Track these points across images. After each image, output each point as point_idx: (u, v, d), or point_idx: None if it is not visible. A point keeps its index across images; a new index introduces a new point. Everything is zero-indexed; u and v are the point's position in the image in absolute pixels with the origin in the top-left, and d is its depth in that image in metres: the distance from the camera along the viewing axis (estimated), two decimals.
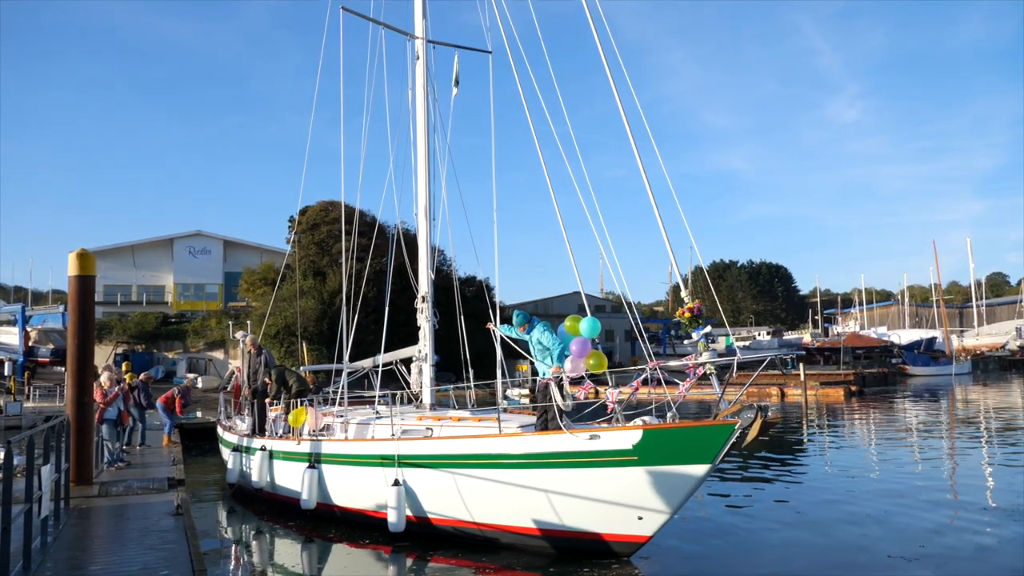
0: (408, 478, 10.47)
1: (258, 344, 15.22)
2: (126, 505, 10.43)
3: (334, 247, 48.94)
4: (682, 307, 8.96)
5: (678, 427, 8.47)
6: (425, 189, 14.52)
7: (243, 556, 10.93)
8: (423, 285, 14.38)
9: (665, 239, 9.28)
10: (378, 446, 11.09)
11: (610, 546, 9.17)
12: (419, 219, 14.62)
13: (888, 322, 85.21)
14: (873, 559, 9.22)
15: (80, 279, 12.16)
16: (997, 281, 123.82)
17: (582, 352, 9.62)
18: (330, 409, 13.79)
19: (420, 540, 10.48)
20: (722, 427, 8.15)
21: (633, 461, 8.57)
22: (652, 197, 9.50)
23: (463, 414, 12.33)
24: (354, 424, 12.72)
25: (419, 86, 14.68)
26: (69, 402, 12.10)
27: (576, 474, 8.99)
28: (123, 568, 7.08)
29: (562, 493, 9.15)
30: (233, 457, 15.03)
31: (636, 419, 9.09)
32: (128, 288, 65.78)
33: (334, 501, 11.90)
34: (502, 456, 9.51)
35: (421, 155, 14.59)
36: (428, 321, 14.19)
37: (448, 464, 10.09)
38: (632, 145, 9.67)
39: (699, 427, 8.32)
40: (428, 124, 14.59)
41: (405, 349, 14.79)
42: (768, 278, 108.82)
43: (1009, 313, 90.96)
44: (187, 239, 68.20)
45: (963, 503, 12.43)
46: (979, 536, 10.27)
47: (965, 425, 25.31)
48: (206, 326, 55.38)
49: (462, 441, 10.09)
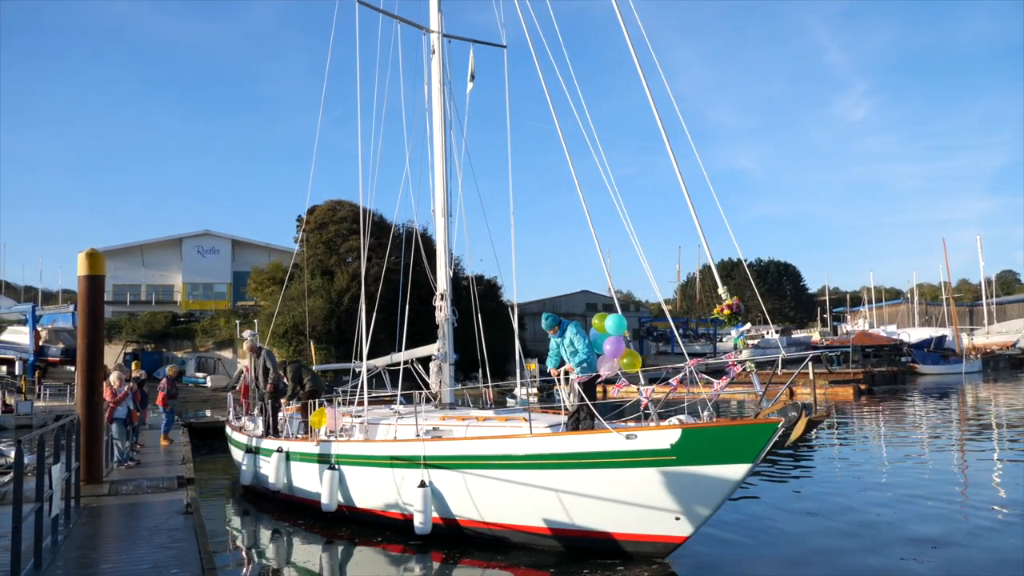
0: (435, 479, 10.28)
1: (256, 345, 14.91)
2: (136, 504, 10.48)
3: (342, 246, 48.98)
4: (720, 303, 8.77)
5: (719, 426, 8.33)
6: (443, 185, 14.30)
7: (259, 558, 10.82)
8: (441, 283, 14.15)
9: (699, 232, 9.16)
10: (403, 447, 10.89)
11: (646, 547, 9.03)
12: (436, 216, 14.40)
13: (897, 320, 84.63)
14: (885, 560, 9.14)
15: (89, 279, 12.20)
16: (1007, 279, 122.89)
17: (616, 351, 9.47)
18: (347, 409, 13.63)
19: (446, 542, 10.35)
20: (765, 426, 7.98)
21: (671, 461, 8.42)
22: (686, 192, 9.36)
23: (487, 414, 12.09)
24: (374, 425, 12.55)
25: (435, 80, 14.50)
26: (79, 401, 12.16)
27: (612, 474, 8.82)
28: (133, 567, 7.10)
29: (597, 494, 8.99)
30: (247, 458, 14.85)
31: (670, 418, 8.94)
32: (137, 288, 66.15)
33: (356, 503, 11.72)
34: (535, 456, 9.32)
35: (438, 150, 14.40)
36: (447, 320, 13.94)
37: (478, 465, 9.89)
38: (665, 141, 9.58)
39: (741, 426, 8.16)
40: (444, 119, 14.40)
41: (424, 347, 14.56)
42: (776, 276, 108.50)
43: (1020, 311, 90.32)
44: (196, 239, 68.50)
45: (974, 502, 12.34)
46: (990, 536, 10.19)
47: (975, 424, 25.14)
48: (215, 325, 55.63)
49: (493, 442, 9.85)
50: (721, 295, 8.84)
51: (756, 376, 8.47)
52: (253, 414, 17.55)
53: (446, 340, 13.99)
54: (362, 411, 13.40)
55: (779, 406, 8.20)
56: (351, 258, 49.01)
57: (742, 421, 8.25)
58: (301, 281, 44.81)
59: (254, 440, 14.75)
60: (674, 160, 9.53)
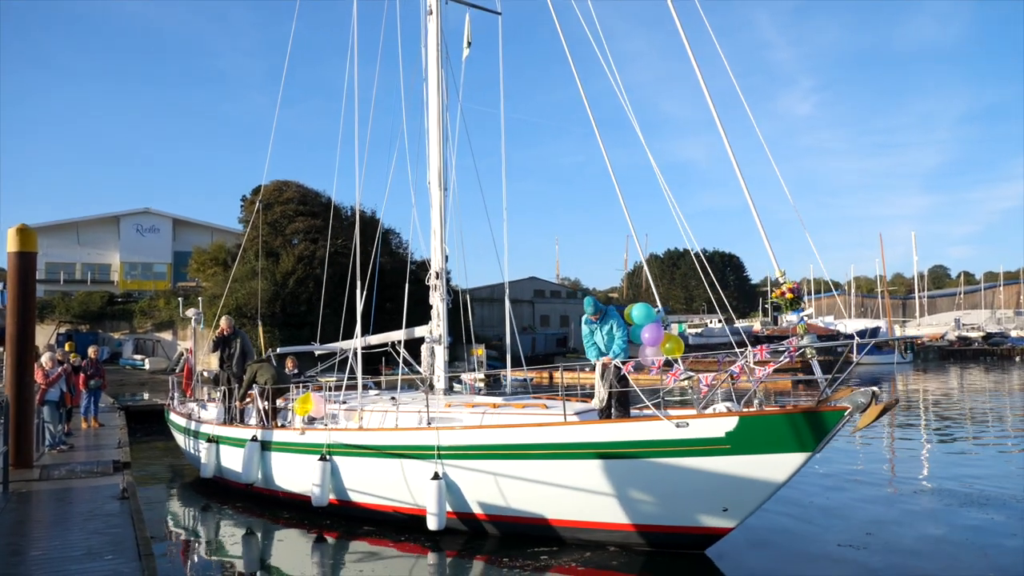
0: (450, 471, 9.62)
1: (233, 325, 14.19)
2: (69, 489, 10.15)
3: (288, 228, 48.15)
4: (779, 287, 8.40)
5: (781, 414, 7.99)
6: (438, 154, 13.41)
7: (232, 558, 10.03)
8: (436, 261, 13.33)
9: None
10: (412, 436, 10.08)
11: (687, 539, 8.73)
12: (431, 187, 13.53)
13: (835, 312, 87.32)
14: (823, 549, 9.32)
15: (20, 256, 11.74)
16: (939, 273, 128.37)
17: (657, 338, 9.16)
18: (331, 396, 12.75)
19: (460, 538, 9.80)
20: (832, 413, 7.71)
21: (725, 450, 8.09)
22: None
23: (496, 400, 11.31)
24: (369, 412, 11.60)
25: (431, 44, 13.58)
26: (8, 383, 11.71)
27: (659, 464, 8.42)
28: (66, 553, 6.89)
29: (641, 485, 8.62)
30: (207, 449, 13.51)
31: (714, 406, 8.63)
32: (72, 266, 63.89)
33: (351, 497, 10.89)
34: (575, 446, 8.78)
35: (433, 118, 13.47)
36: (442, 300, 13.19)
37: (505, 455, 9.24)
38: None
39: (804, 413, 7.86)
40: (440, 85, 13.46)
41: (417, 328, 13.66)
42: (720, 267, 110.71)
43: (949, 305, 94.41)
44: (135, 216, 66.42)
45: (903, 482, 12.84)
46: (922, 523, 10.61)
47: (904, 411, 26.15)
48: (154, 306, 54.10)
49: (521, 430, 9.23)
50: (779, 279, 8.43)
51: (816, 362, 8.19)
52: (201, 399, 16.93)
53: (441, 321, 13.15)
54: (337, 396, 12.45)
55: (847, 392, 7.87)
56: (297, 240, 48.19)
57: (806, 408, 7.96)
58: (246, 262, 43.87)
59: (215, 428, 13.69)
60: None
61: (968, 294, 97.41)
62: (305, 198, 48.88)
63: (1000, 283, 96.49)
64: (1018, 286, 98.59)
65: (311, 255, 45.67)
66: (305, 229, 47.42)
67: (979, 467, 14.74)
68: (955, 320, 78.48)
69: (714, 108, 9.19)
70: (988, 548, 9.10)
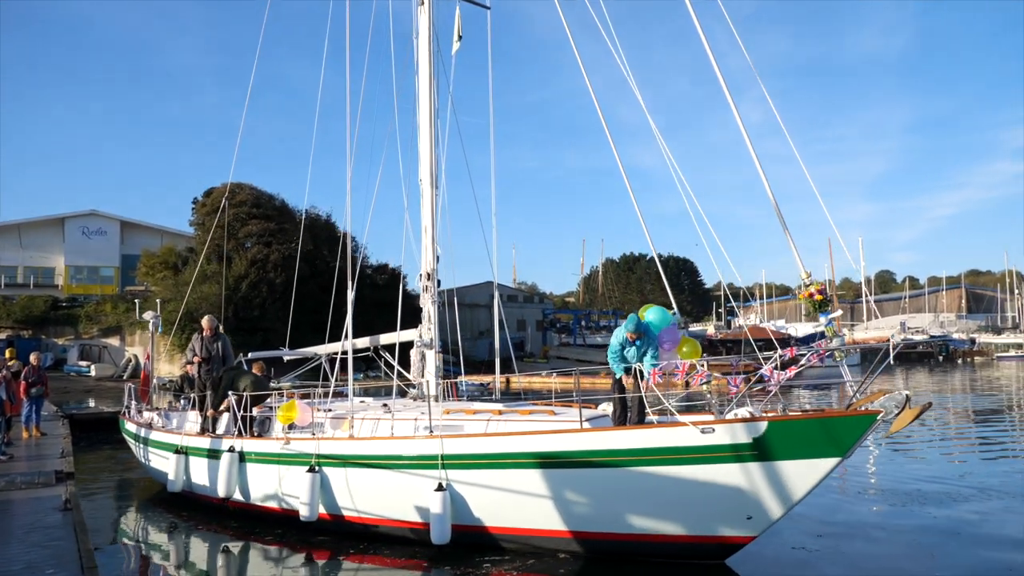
0: (455, 482, 9.12)
1: (215, 327, 13.63)
2: (8, 501, 9.83)
3: (240, 231, 47.36)
4: (806, 288, 8.15)
5: (811, 418, 7.84)
6: (429, 151, 12.95)
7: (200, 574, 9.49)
8: (427, 262, 12.78)
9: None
10: (413, 445, 9.50)
11: (708, 549, 8.45)
12: (423, 184, 13.06)
13: (786, 315, 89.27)
14: (777, 551, 9.27)
15: None
16: (885, 278, 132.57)
17: (675, 341, 8.94)
18: (316, 403, 11.97)
19: (464, 552, 9.17)
20: (864, 417, 7.56)
21: (752, 456, 7.85)
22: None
23: (498, 407, 10.76)
24: (360, 420, 10.82)
25: (423, 36, 13.17)
26: None
27: (681, 471, 8.14)
28: (5, 567, 6.66)
29: (663, 493, 8.31)
30: (174, 461, 12.46)
31: (734, 411, 8.37)
32: (13, 269, 61.96)
33: (344, 512, 10.14)
34: (594, 453, 8.41)
35: (425, 115, 12.99)
36: (433, 303, 12.65)
37: (516, 464, 8.81)
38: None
39: (835, 418, 7.71)
40: (432, 78, 12.99)
41: (406, 332, 12.95)
42: (675, 271, 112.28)
43: (895, 308, 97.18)
44: (80, 219, 64.71)
45: (851, 483, 13.14)
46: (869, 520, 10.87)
47: None
48: (100, 311, 52.76)
49: (535, 438, 8.80)
50: (804, 281, 8.19)
51: (845, 366, 8.09)
52: (163, 408, 16.00)
53: (433, 325, 12.58)
54: (338, 404, 11.79)
55: (877, 396, 7.79)
56: (249, 243, 47.41)
57: (837, 412, 7.82)
58: (199, 265, 43.07)
59: (184, 439, 12.70)
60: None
61: (912, 298, 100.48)
62: (259, 200, 48.10)
63: (943, 287, 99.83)
64: (960, 290, 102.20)
65: (264, 259, 44.94)
66: (259, 232, 46.68)
67: (925, 467, 15.19)
68: (901, 323, 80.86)
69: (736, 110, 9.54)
70: (934, 548, 9.36)
